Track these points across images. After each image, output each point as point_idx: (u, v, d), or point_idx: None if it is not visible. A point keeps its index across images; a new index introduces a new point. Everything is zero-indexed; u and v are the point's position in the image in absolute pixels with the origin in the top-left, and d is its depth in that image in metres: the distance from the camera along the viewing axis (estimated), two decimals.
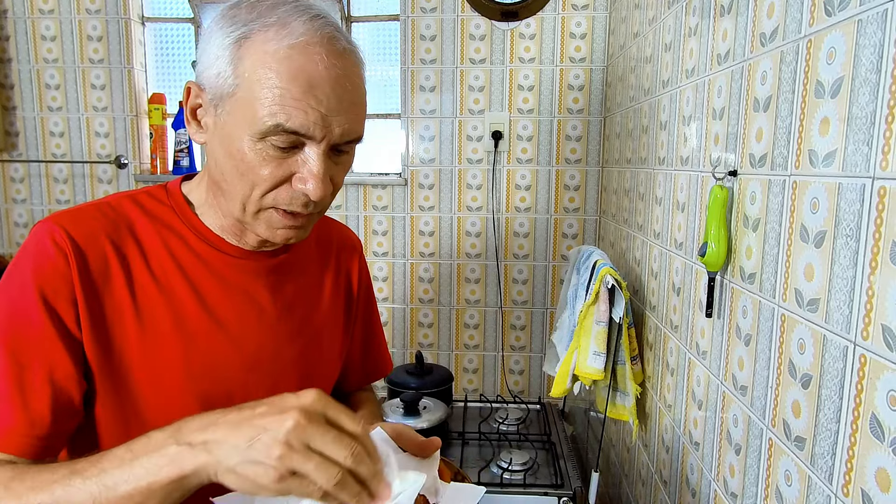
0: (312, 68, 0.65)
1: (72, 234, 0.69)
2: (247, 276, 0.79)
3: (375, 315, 1.03)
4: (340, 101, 0.67)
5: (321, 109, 0.66)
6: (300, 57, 0.65)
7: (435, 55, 1.98)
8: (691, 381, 1.06)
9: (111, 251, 0.71)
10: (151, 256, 0.74)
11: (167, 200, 0.78)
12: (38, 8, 2.04)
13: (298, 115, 0.65)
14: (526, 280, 2.07)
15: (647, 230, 1.38)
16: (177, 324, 0.73)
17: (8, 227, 2.16)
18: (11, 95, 2.09)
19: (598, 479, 1.37)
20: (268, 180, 0.68)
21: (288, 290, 0.83)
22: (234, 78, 0.66)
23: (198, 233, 0.77)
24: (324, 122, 0.66)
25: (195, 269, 0.76)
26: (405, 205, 2.06)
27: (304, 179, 0.68)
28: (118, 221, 0.74)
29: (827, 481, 0.65)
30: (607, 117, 1.93)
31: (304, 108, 0.65)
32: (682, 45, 1.15)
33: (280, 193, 0.70)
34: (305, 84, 0.65)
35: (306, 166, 0.68)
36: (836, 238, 0.63)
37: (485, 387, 2.13)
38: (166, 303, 0.73)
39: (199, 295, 0.75)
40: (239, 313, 0.78)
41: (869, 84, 0.58)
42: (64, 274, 0.67)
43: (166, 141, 2.10)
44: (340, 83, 0.67)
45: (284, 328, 0.82)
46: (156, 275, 0.73)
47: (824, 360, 0.65)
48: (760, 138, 0.81)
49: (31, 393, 0.65)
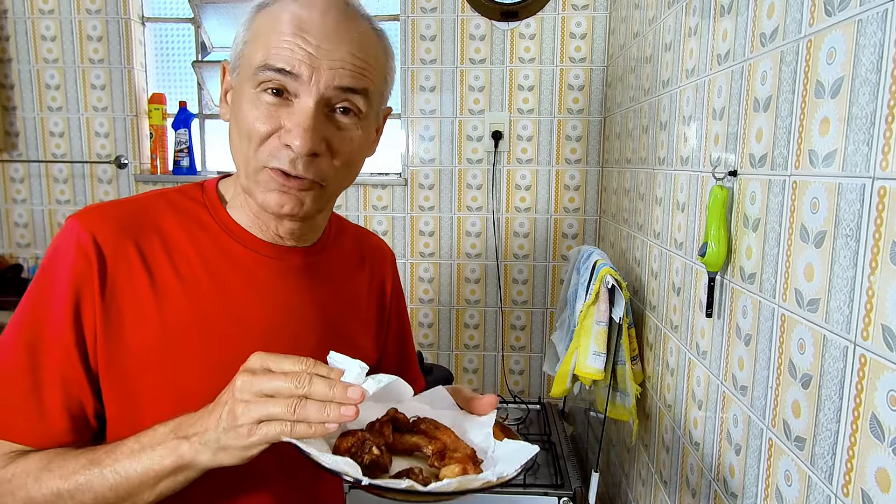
0: (305, 14, 0.68)
1: (96, 237, 0.69)
2: (276, 277, 0.77)
3: (408, 329, 1.01)
4: (335, 44, 0.67)
5: (308, 49, 0.66)
6: (294, 4, 0.69)
7: (435, 55, 1.98)
8: (691, 381, 1.06)
9: (135, 253, 0.71)
10: (177, 256, 0.73)
11: (201, 198, 0.78)
12: (38, 8, 2.04)
13: (284, 53, 0.66)
14: (526, 280, 2.07)
15: (647, 230, 1.38)
16: (198, 325, 0.72)
17: (8, 227, 2.16)
18: (11, 95, 2.09)
19: (598, 479, 1.37)
20: (258, 129, 0.68)
21: (319, 294, 0.81)
22: (244, 41, 0.70)
23: (226, 228, 0.76)
24: (311, 62, 0.66)
25: (222, 268, 0.75)
26: (405, 205, 2.06)
27: (290, 130, 0.67)
28: (146, 221, 0.74)
29: (827, 481, 0.65)
30: (607, 117, 1.93)
31: (291, 46, 0.66)
32: (682, 45, 1.15)
33: (269, 147, 0.68)
34: (295, 27, 0.67)
35: (293, 117, 0.67)
36: (836, 238, 0.63)
37: (485, 387, 2.13)
38: (189, 304, 0.72)
39: (224, 295, 0.74)
40: (265, 316, 0.76)
41: (869, 84, 0.58)
42: (85, 279, 0.68)
43: (166, 141, 2.10)
44: (337, 31, 0.68)
45: (314, 333, 0.79)
46: (181, 275, 0.72)
47: (824, 360, 0.65)
48: (760, 138, 0.81)
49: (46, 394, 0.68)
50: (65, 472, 0.64)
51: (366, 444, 0.61)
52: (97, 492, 0.63)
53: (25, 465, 0.66)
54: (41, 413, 0.68)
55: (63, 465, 0.64)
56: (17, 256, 2.16)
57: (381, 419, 0.67)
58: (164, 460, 0.61)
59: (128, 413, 0.70)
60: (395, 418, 0.68)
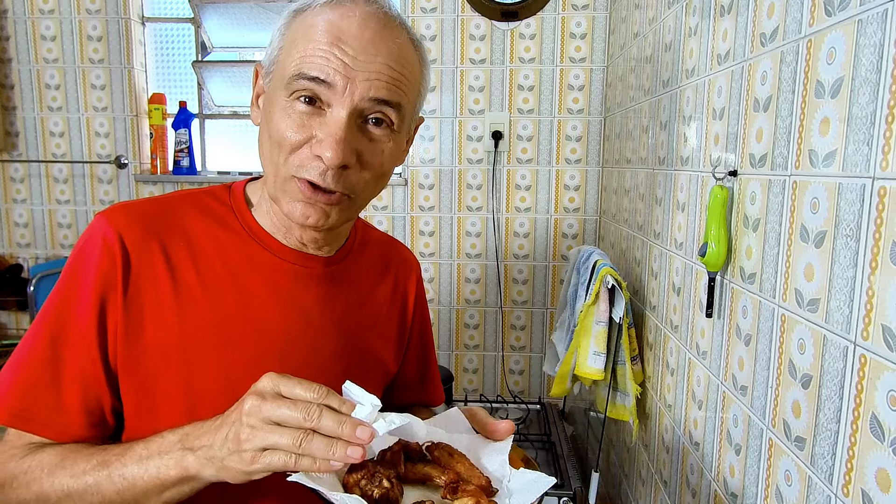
0: (343, 23, 0.66)
1: (123, 236, 0.70)
2: (297, 284, 0.77)
3: (431, 342, 0.99)
4: (372, 56, 0.66)
5: (345, 59, 0.65)
6: (332, 13, 0.67)
7: (435, 55, 1.98)
8: (691, 381, 1.06)
9: (160, 253, 0.71)
10: (200, 259, 0.73)
11: (228, 200, 0.78)
12: (38, 8, 2.04)
13: (319, 62, 0.65)
14: (526, 280, 2.07)
15: (647, 230, 1.38)
16: (217, 329, 0.72)
17: (8, 227, 2.16)
18: (11, 95, 2.09)
19: (598, 479, 1.37)
20: (290, 140, 0.67)
21: (339, 303, 0.80)
22: (279, 47, 0.69)
23: (250, 231, 0.76)
24: (345, 72, 0.65)
25: (244, 273, 0.74)
26: (405, 205, 2.06)
27: (321, 141, 0.66)
28: (173, 222, 0.74)
29: (827, 481, 0.65)
30: (607, 117, 1.93)
31: (327, 55, 0.65)
32: (682, 45, 1.15)
33: (299, 157, 0.67)
34: (332, 36, 0.66)
35: (326, 128, 0.66)
36: (836, 238, 0.63)
37: (485, 387, 2.13)
38: (209, 307, 0.72)
39: (244, 300, 0.73)
40: (284, 323, 0.75)
41: (869, 84, 0.58)
42: (110, 277, 0.69)
43: (166, 141, 2.10)
44: (374, 42, 0.66)
45: (331, 343, 0.79)
46: (203, 278, 0.72)
47: (824, 360, 0.65)
48: (760, 138, 0.81)
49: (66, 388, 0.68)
50: (76, 470, 0.64)
51: (375, 476, 0.58)
52: (104, 495, 0.63)
53: (41, 458, 0.66)
54: (60, 406, 0.68)
55: (75, 463, 0.65)
56: (17, 256, 2.16)
57: (392, 448, 0.64)
58: (170, 470, 0.61)
59: (143, 411, 0.71)
60: (407, 445, 0.65)
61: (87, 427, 0.70)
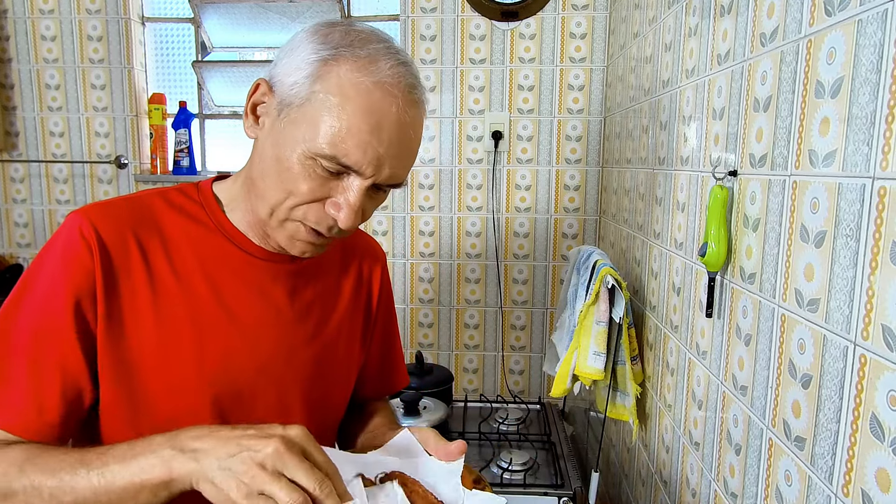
0: (387, 110, 0.67)
1: (98, 229, 0.71)
2: (267, 277, 0.80)
3: (395, 329, 1.03)
4: (401, 147, 0.69)
5: (380, 150, 0.67)
6: (378, 96, 0.67)
7: (435, 55, 1.98)
8: (691, 381, 1.06)
9: (135, 246, 0.73)
10: (174, 251, 0.75)
11: (197, 197, 0.80)
12: (38, 8, 2.04)
13: (357, 153, 0.66)
14: (526, 280, 2.07)
15: (647, 230, 1.38)
16: (192, 319, 0.74)
17: (8, 227, 2.16)
18: (11, 95, 2.09)
19: (598, 479, 1.37)
20: (305, 195, 0.69)
21: (307, 295, 0.84)
22: (308, 93, 0.67)
23: (223, 230, 0.78)
24: (377, 163, 0.68)
25: (216, 265, 0.77)
26: (405, 205, 2.06)
27: (339, 206, 0.70)
28: (146, 216, 0.75)
29: (827, 481, 0.65)
30: (607, 117, 1.93)
31: (365, 146, 0.66)
32: (682, 45, 1.15)
33: (311, 211, 0.71)
34: (375, 124, 0.66)
35: (345, 195, 0.70)
36: (836, 238, 0.63)
37: (485, 387, 2.13)
38: (184, 298, 0.74)
39: (216, 291, 0.76)
40: (255, 313, 0.78)
41: (869, 84, 0.58)
42: (87, 268, 0.70)
43: (166, 141, 2.10)
44: (405, 131, 0.69)
45: (300, 332, 0.82)
46: (176, 269, 0.75)
47: (824, 360, 0.65)
48: (760, 138, 0.81)
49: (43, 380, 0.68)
50: (51, 466, 0.63)
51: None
52: (79, 493, 0.61)
53: (10, 455, 0.65)
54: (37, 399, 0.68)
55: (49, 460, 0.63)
56: (17, 256, 2.16)
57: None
58: (154, 469, 0.59)
59: (122, 399, 0.72)
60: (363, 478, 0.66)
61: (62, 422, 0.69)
